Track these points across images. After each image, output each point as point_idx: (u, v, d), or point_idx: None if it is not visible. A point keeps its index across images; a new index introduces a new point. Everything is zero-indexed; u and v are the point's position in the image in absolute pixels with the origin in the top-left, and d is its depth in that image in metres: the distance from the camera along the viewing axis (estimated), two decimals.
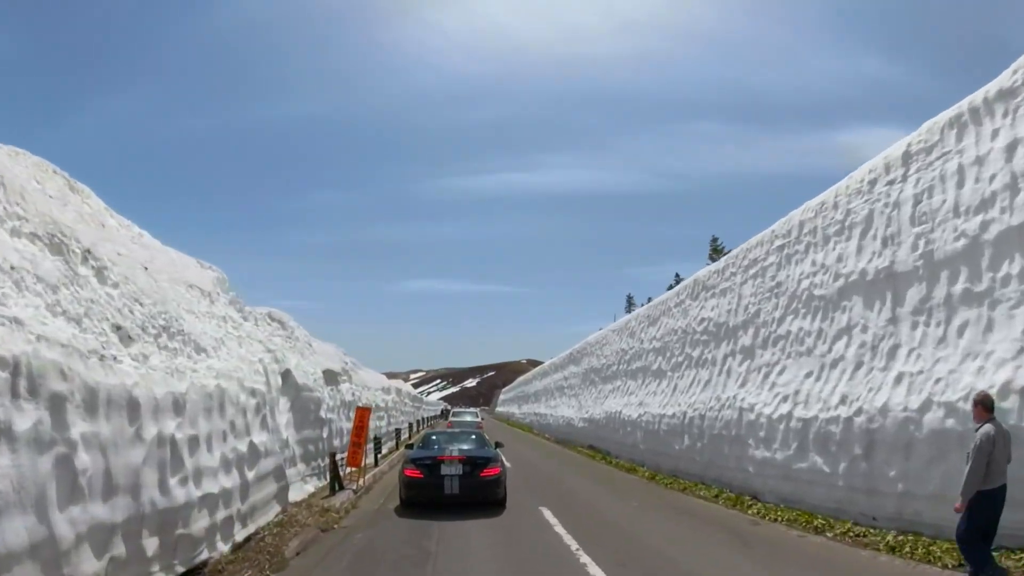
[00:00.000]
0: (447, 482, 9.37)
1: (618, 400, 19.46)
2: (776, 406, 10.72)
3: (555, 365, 35.63)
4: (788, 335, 11.07)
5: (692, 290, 15.93)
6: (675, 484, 13.05)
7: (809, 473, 9.47)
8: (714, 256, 47.67)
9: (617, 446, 18.46)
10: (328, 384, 13.56)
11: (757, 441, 11.01)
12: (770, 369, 11.47)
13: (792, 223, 11.54)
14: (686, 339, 15.42)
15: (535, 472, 16.08)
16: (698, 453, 13.08)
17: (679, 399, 14.70)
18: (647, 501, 11.19)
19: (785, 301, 11.35)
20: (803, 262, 10.94)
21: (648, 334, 18.33)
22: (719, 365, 13.45)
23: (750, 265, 13.09)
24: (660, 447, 15.09)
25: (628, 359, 19.65)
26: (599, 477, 14.96)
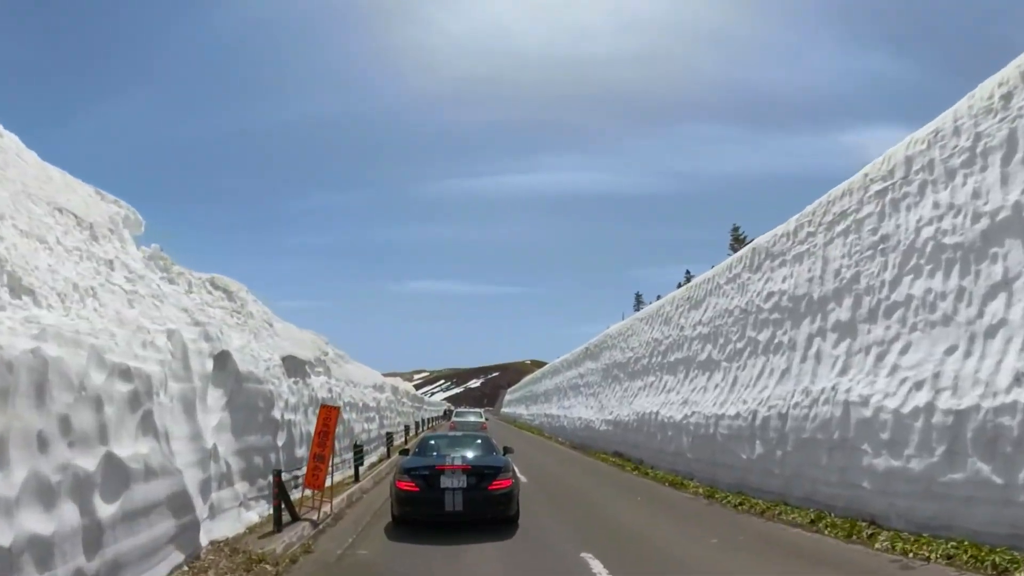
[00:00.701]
0: (448, 497, 7.76)
1: (652, 399, 16.26)
2: (904, 396, 7.63)
3: (568, 362, 32.40)
4: (909, 301, 8.03)
5: (750, 261, 12.77)
6: (747, 505, 9.84)
7: (967, 486, 6.54)
8: (736, 247, 44.04)
9: (653, 454, 15.26)
10: (292, 376, 10.43)
11: (877, 445, 7.87)
12: (885, 348, 8.37)
13: (893, 161, 8.70)
14: (747, 320, 12.25)
15: (559, 487, 12.89)
16: (778, 464, 9.88)
17: (743, 395, 11.51)
18: (727, 535, 7.99)
19: (898, 258, 8.35)
20: (919, 206, 8.11)
21: (690, 319, 15.15)
22: (802, 349, 10.27)
23: (836, 220, 10.01)
24: (717, 456, 11.89)
25: (664, 350, 16.45)
26: (642, 496, 11.75)
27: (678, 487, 12.34)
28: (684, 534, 8.18)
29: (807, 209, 11.26)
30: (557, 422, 30.10)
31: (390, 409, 23.80)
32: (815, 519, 8.45)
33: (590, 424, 21.82)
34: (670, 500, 11.15)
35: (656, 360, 16.87)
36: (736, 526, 8.62)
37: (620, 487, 12.91)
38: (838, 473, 8.60)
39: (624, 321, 21.96)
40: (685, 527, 8.60)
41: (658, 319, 17.61)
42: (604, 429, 19.79)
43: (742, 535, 7.91)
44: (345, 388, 14.99)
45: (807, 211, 11.21)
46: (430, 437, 10.11)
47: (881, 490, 7.74)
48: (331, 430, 8.19)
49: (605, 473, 15.33)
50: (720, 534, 8.04)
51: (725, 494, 10.83)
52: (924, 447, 7.17)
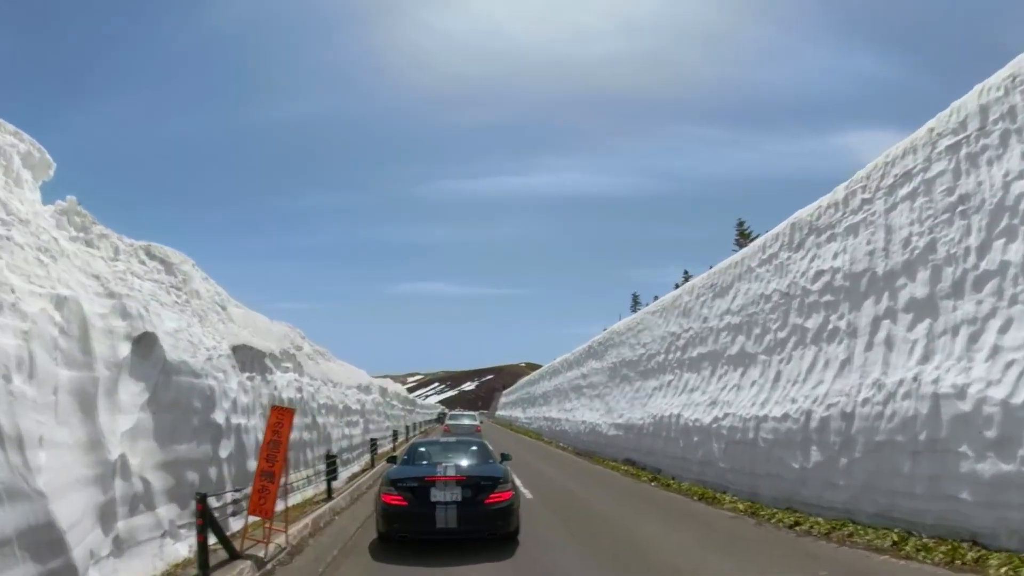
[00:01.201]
0: (440, 512, 6.93)
1: (670, 400, 14.44)
2: (1014, 384, 6.09)
3: (568, 362, 30.49)
4: (1005, 269, 6.59)
5: (789, 238, 11.02)
6: (806, 525, 8.01)
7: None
8: (741, 241, 41.34)
9: (674, 462, 13.42)
10: (247, 371, 8.57)
11: (980, 447, 6.27)
12: (979, 327, 6.80)
13: (964, 112, 7.43)
14: (789, 305, 10.48)
15: (569, 503, 11.03)
16: (843, 473, 8.08)
17: (791, 392, 9.71)
18: (800, 567, 6.18)
19: (984, 220, 6.96)
20: (1003, 159, 6.84)
21: (716, 308, 13.37)
22: (866, 334, 8.53)
23: (899, 183, 8.49)
24: (758, 465, 10.06)
25: (683, 345, 14.65)
26: (671, 513, 9.91)
27: (711, 502, 10.48)
28: (741, 568, 6.34)
29: (858, 174, 9.64)
30: (558, 426, 28.20)
31: (377, 412, 21.87)
32: (898, 541, 6.78)
33: (596, 428, 19.94)
34: (706, 518, 9.30)
35: (674, 356, 15.06)
36: (805, 554, 6.79)
37: (641, 502, 11.05)
38: (926, 483, 6.94)
39: (634, 315, 20.17)
40: (738, 557, 6.74)
41: (675, 311, 15.81)
42: (613, 434, 17.91)
43: (823, 570, 6.07)
44: (321, 388, 13.09)
45: (858, 176, 9.59)
46: (420, 444, 9.03)
47: (987, 502, 6.14)
48: (283, 439, 6.31)
49: (619, 485, 13.48)
50: (789, 566, 6.23)
51: (772, 511, 9.00)
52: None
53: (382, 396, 24.02)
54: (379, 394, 23.22)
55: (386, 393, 25.87)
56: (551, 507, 10.36)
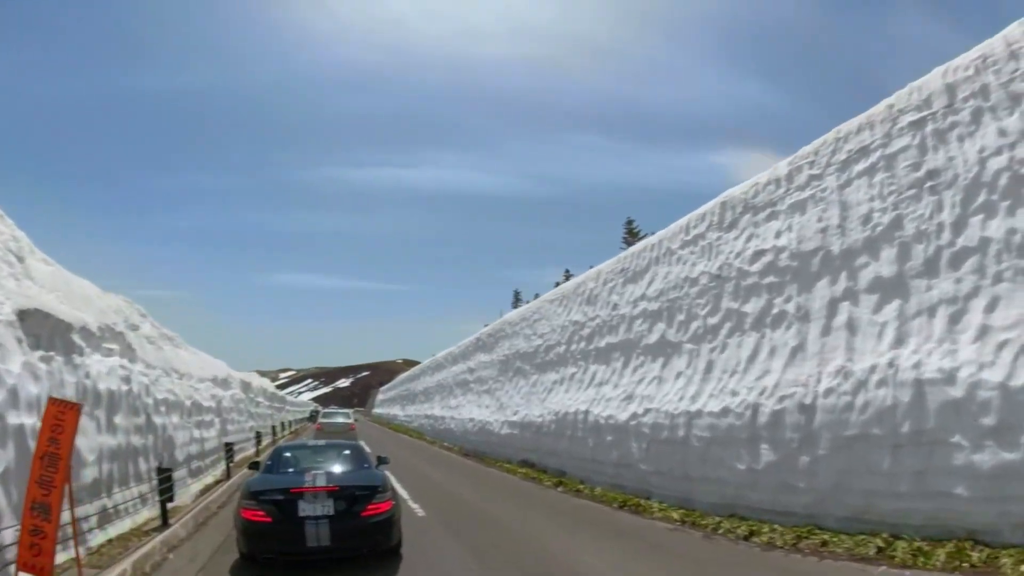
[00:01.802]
0: (311, 528, 5.96)
1: (575, 395, 13.31)
2: (1011, 365, 5.62)
3: (453, 356, 28.60)
4: (985, 245, 6.31)
5: (719, 217, 10.35)
6: (763, 533, 7.09)
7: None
8: (630, 240, 41.18)
9: (583, 464, 12.25)
10: (44, 348, 5.78)
11: (977, 435, 5.84)
12: (960, 306, 6.40)
13: (928, 91, 7.23)
14: (722, 289, 9.74)
15: (465, 516, 9.39)
16: (804, 474, 7.29)
17: (729, 384, 8.88)
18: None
19: (958, 195, 6.69)
20: (976, 136, 6.64)
21: (628, 294, 12.46)
22: (821, 318, 7.90)
23: (853, 159, 8.07)
24: (693, 467, 9.07)
25: (589, 335, 13.60)
26: (597, 528, 8.57)
27: (637, 510, 9.32)
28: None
29: (803, 151, 9.18)
30: (442, 424, 26.21)
31: (239, 410, 18.41)
32: (884, 547, 6.02)
33: (486, 427, 18.40)
34: (639, 531, 8.12)
35: (578, 347, 13.98)
36: (787, 573, 5.77)
37: (556, 513, 9.66)
38: (911, 479, 6.26)
39: (529, 304, 18.95)
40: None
41: (578, 299, 14.77)
42: (506, 433, 16.48)
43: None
44: (161, 379, 10.06)
45: (804, 153, 9.12)
46: (286, 448, 7.95)
47: (987, 496, 5.58)
48: (64, 452, 3.97)
49: (522, 491, 12.04)
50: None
51: (714, 519, 8.01)
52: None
53: (245, 392, 20.37)
54: (241, 389, 19.62)
55: (250, 388, 22.07)
56: (450, 526, 8.52)
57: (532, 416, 14.86)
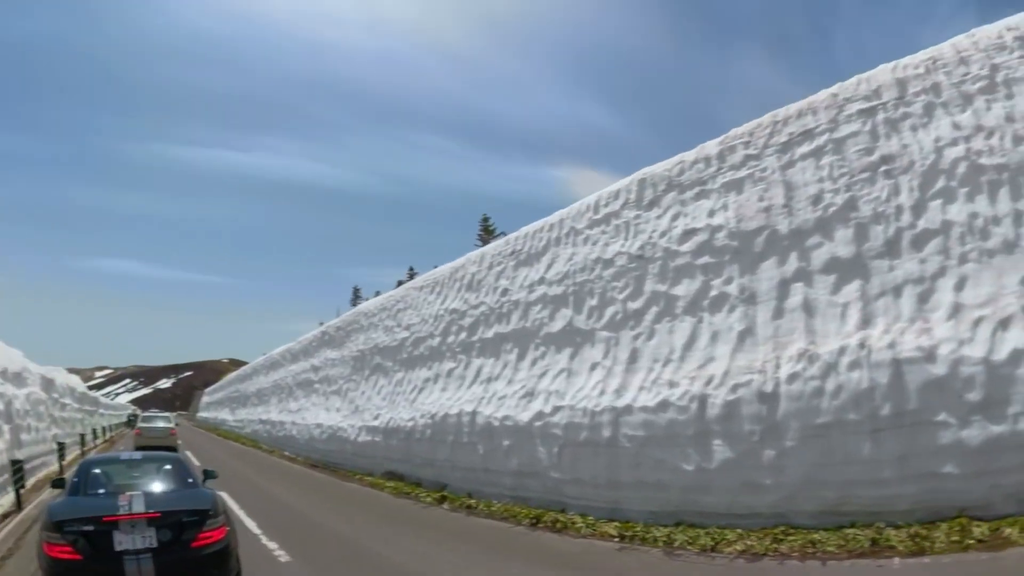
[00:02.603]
0: (131, 566, 4.84)
1: (455, 393, 11.51)
2: (991, 340, 5.64)
3: (292, 352, 24.54)
4: (948, 228, 6.36)
5: (637, 195, 9.49)
6: (731, 543, 6.15)
7: None
8: (486, 238, 39.03)
9: (471, 475, 10.47)
10: None
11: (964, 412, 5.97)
12: (928, 286, 6.32)
13: (877, 83, 7.39)
14: (644, 270, 8.82)
15: (331, 548, 7.25)
16: (769, 470, 6.51)
17: (663, 374, 7.88)
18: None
19: (915, 180, 6.72)
20: (930, 127, 6.88)
21: (521, 278, 11.06)
22: (771, 299, 7.34)
23: (796, 141, 7.85)
24: (623, 471, 7.78)
25: (471, 324, 11.93)
26: (524, 557, 6.96)
27: (557, 528, 7.84)
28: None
29: (735, 131, 8.80)
30: (281, 430, 22.14)
31: (36, 414, 13.38)
32: (877, 538, 5.54)
33: (339, 433, 15.55)
34: (582, 559, 6.67)
35: (457, 339, 12.21)
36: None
37: (452, 539, 7.89)
38: (895, 464, 5.89)
39: (391, 292, 16.47)
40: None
41: (455, 284, 13.00)
42: (365, 440, 13.98)
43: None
44: None
45: (736, 133, 8.72)
46: (94, 462, 6.58)
47: (977, 471, 5.48)
48: None
49: (398, 512, 9.95)
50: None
51: (663, 531, 6.90)
52: None
53: (47, 391, 14.95)
54: (42, 388, 14.31)
55: (53, 387, 16.37)
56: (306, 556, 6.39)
57: (399, 420, 12.72)
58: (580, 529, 7.68)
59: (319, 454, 17.47)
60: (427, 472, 11.64)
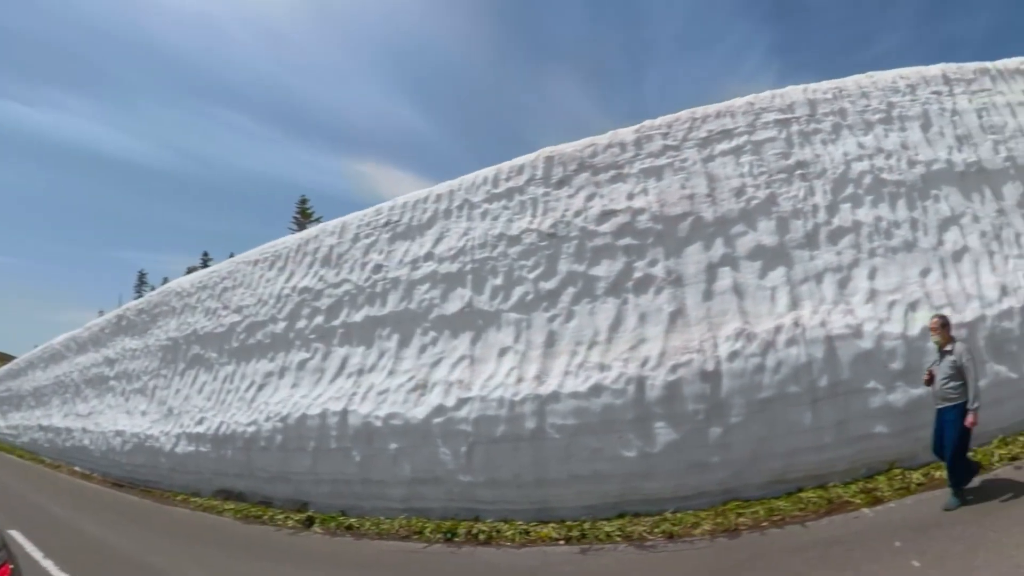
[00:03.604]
0: None
1: (314, 390, 9.65)
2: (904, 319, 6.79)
3: (79, 342, 18.82)
4: (858, 227, 7.49)
5: (545, 172, 9.06)
6: (691, 528, 6.04)
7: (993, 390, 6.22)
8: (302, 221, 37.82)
9: (344, 488, 8.81)
10: None
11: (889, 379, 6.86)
12: (846, 274, 7.34)
13: (790, 99, 8.45)
14: (558, 249, 8.37)
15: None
16: (717, 447, 6.59)
17: (590, 356, 7.50)
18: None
19: (828, 185, 7.79)
20: (839, 143, 8.07)
21: (401, 254, 9.74)
22: (700, 282, 7.56)
23: (715, 138, 8.41)
24: (552, 466, 7.17)
25: (331, 306, 10.16)
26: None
27: (481, 540, 6.93)
28: None
29: (650, 123, 9.05)
30: (69, 439, 16.44)
31: None
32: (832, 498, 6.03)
33: (148, 443, 11.96)
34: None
35: (311, 324, 10.31)
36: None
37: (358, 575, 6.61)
38: (834, 429, 6.49)
39: (216, 266, 13.20)
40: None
41: (305, 259, 11.00)
42: (187, 451, 11.01)
43: None
44: None
45: (653, 124, 9.10)
46: None
47: (903, 428, 6.37)
48: None
49: (252, 543, 7.97)
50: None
51: (613, 524, 6.50)
52: None
53: None
54: None
55: None
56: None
57: (234, 425, 10.35)
58: (513, 537, 6.86)
59: (123, 469, 13.62)
60: (279, 488, 9.66)
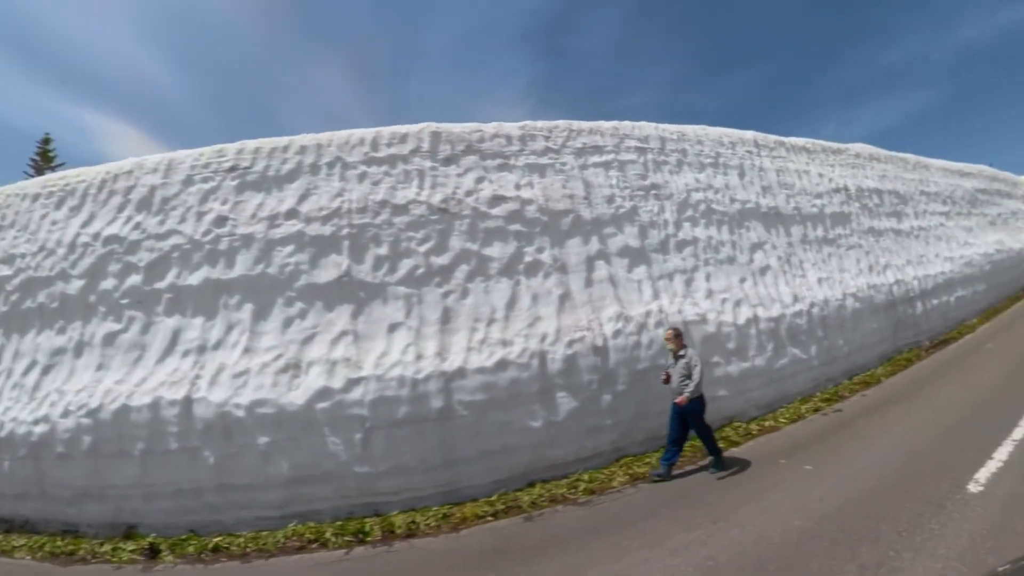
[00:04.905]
0: None
1: (132, 372, 7.25)
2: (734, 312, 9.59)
3: None
4: (696, 241, 10.04)
5: (431, 146, 9.16)
6: (617, 478, 7.28)
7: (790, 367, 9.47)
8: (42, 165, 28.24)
9: (192, 504, 6.88)
10: None
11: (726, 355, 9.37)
12: (690, 275, 9.83)
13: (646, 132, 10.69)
14: (450, 225, 8.55)
15: None
16: (608, 412, 7.96)
17: (491, 333, 7.99)
18: None
19: (674, 206, 10.31)
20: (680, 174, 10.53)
21: (251, 207, 8.11)
22: (581, 271, 8.96)
23: (588, 151, 10.21)
24: (460, 446, 7.33)
25: (151, 264, 7.67)
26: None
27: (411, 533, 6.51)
28: None
29: (532, 124, 10.27)
30: None
31: None
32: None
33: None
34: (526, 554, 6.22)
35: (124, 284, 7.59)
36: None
37: None
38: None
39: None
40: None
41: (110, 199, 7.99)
42: None
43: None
44: None
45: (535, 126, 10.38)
46: None
47: (738, 390, 8.88)
48: None
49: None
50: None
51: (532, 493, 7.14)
52: (760, 348, 8.91)
53: None
54: None
55: None
56: None
57: (10, 423, 6.99)
58: (437, 524, 6.59)
59: None
60: (90, 510, 7.01)
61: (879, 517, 4.93)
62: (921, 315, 12.79)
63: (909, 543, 4.40)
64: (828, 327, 10.19)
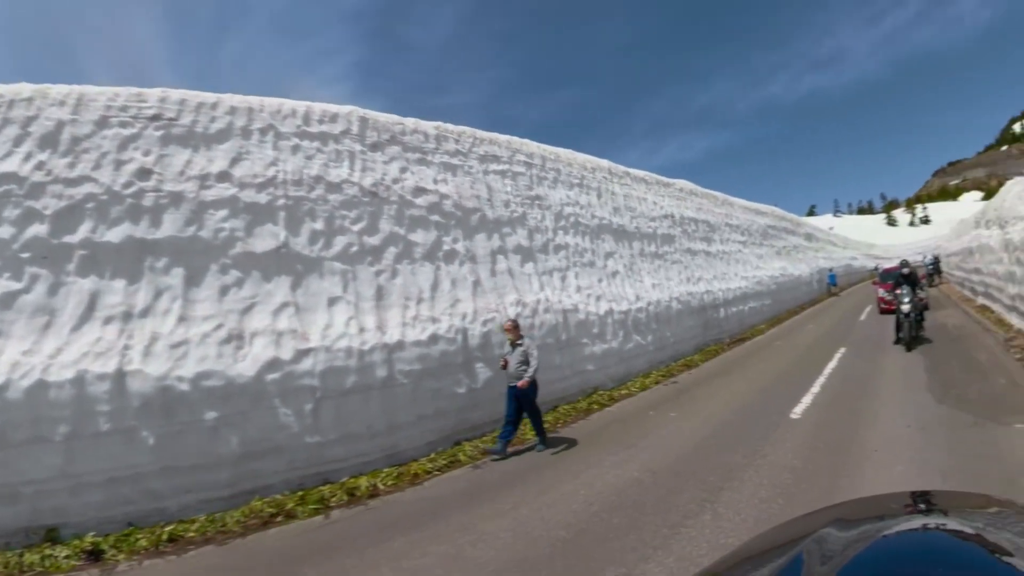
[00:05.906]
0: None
1: (41, 341, 5.77)
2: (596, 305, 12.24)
3: None
4: (567, 246, 12.54)
5: (360, 130, 9.61)
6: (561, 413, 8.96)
7: (634, 350, 12.18)
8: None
9: (132, 492, 5.87)
10: None
11: (591, 338, 11.84)
12: (564, 273, 12.34)
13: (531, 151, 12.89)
14: (380, 209, 9.18)
15: None
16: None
17: (422, 311, 8.95)
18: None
19: (551, 216, 12.51)
20: (556, 191, 13.04)
21: (179, 163, 7.27)
22: (487, 262, 10.56)
23: (489, 159, 11.86)
24: (402, 411, 8.11)
25: (58, 213, 6.19)
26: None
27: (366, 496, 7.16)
28: None
29: (445, 126, 11.36)
30: None
31: None
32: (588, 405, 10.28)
33: None
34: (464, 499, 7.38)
35: (24, 234, 6.05)
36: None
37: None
38: (569, 366, 10.88)
39: None
40: None
41: (5, 128, 6.00)
42: None
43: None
44: None
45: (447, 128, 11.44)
46: None
47: (600, 367, 11.48)
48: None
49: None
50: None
51: (469, 447, 8.46)
52: (615, 334, 11.66)
53: None
54: None
55: None
56: None
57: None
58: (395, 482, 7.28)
59: None
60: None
61: (742, 434, 7.84)
62: (723, 318, 17.52)
63: (769, 443, 7.32)
64: (660, 321, 13.57)
